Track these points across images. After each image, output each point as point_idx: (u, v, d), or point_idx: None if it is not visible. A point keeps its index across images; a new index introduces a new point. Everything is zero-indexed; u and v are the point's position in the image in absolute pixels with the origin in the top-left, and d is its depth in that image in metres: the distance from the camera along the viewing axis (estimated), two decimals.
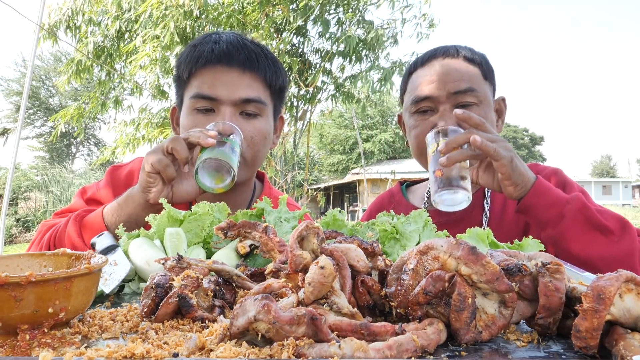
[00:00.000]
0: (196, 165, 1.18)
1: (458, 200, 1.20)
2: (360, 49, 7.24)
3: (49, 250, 1.29)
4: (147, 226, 1.11)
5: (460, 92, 1.39)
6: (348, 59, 7.51)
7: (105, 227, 1.25)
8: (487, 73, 1.49)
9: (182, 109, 1.46)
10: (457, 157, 1.19)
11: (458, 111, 1.25)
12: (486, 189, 1.53)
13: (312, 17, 6.97)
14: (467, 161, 1.22)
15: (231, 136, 1.25)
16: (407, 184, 1.78)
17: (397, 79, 7.39)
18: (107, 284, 0.91)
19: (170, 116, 1.57)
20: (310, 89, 7.49)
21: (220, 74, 1.38)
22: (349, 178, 27.70)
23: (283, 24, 7.07)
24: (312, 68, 7.63)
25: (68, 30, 7.46)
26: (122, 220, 1.25)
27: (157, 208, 1.25)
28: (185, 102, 1.44)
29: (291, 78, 7.27)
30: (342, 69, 7.72)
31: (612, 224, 1.20)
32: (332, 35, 7.27)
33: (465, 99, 1.39)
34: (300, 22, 6.96)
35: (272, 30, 7.05)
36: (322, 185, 27.51)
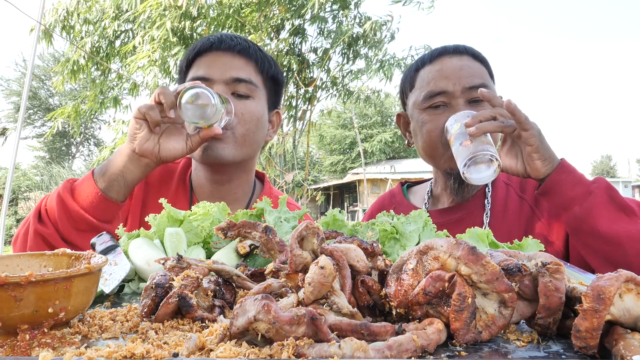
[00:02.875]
0: (181, 94, 1.22)
1: (487, 171, 1.20)
2: (359, 47, 7.25)
3: (40, 216, 1.31)
4: (147, 226, 1.11)
5: (474, 87, 1.39)
6: (346, 57, 7.52)
7: (94, 182, 1.27)
8: (491, 72, 1.51)
9: None
10: (486, 126, 1.20)
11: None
12: (487, 189, 1.53)
13: (308, 16, 6.97)
14: (491, 139, 1.23)
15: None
16: (408, 185, 1.78)
17: (396, 75, 7.43)
18: (107, 284, 0.91)
19: None
20: (310, 89, 7.49)
21: (214, 57, 1.46)
22: (348, 178, 27.68)
23: (281, 24, 7.07)
24: (310, 67, 7.63)
25: (63, 30, 7.46)
26: (111, 173, 1.28)
27: (144, 162, 1.28)
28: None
29: (289, 77, 7.28)
30: (341, 68, 7.72)
31: (635, 206, 1.21)
32: (329, 33, 7.28)
33: (479, 96, 1.39)
34: (298, 21, 6.97)
35: (270, 30, 7.06)
36: (322, 185, 27.49)
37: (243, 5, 6.90)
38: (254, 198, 1.61)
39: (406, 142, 1.63)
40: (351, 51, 7.40)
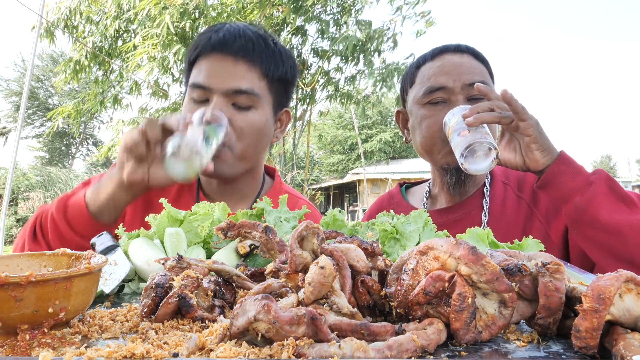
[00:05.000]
0: (164, 150, 1.19)
1: (485, 162, 1.21)
2: (357, 51, 7.26)
3: (35, 233, 1.31)
4: (147, 226, 1.11)
5: (474, 85, 1.40)
6: (345, 60, 7.53)
7: (85, 206, 1.27)
8: (491, 72, 1.52)
9: (185, 99, 1.46)
10: (484, 116, 1.20)
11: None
12: (485, 189, 1.53)
13: (309, 16, 6.97)
14: (489, 131, 1.24)
15: (211, 125, 1.24)
16: (407, 186, 1.79)
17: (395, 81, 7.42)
18: (107, 284, 0.92)
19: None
20: (309, 89, 7.50)
21: (214, 62, 1.37)
22: (349, 178, 27.66)
23: (282, 24, 7.07)
24: (310, 68, 7.64)
25: (66, 29, 7.47)
26: (101, 199, 1.27)
27: (133, 191, 1.26)
28: (187, 93, 1.45)
29: None
30: (340, 70, 7.73)
31: (635, 197, 1.21)
32: (331, 35, 7.28)
33: (478, 93, 1.39)
34: (299, 22, 6.97)
35: (271, 31, 7.07)
36: (322, 185, 27.47)
37: (244, 4, 6.91)
38: (263, 193, 1.59)
39: (404, 139, 1.63)
40: (352, 54, 7.40)
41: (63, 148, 32.26)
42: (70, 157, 32.86)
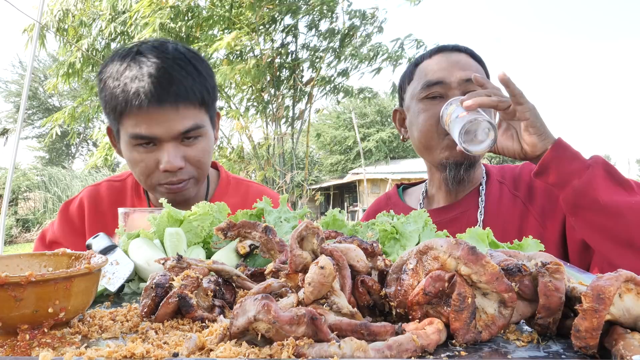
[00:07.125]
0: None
1: (483, 143, 1.22)
2: (347, 44, 7.29)
3: None
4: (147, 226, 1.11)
5: (470, 80, 1.41)
6: (336, 55, 7.54)
7: None
8: (487, 73, 1.54)
9: (122, 141, 1.43)
10: (482, 100, 1.22)
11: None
12: (480, 188, 1.53)
13: (297, 12, 6.99)
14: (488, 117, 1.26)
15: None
16: (404, 187, 1.79)
17: (387, 70, 7.44)
18: (112, 283, 0.92)
19: (108, 135, 1.53)
20: (307, 88, 7.50)
21: (153, 113, 1.34)
22: (348, 178, 27.63)
23: (272, 22, 7.09)
24: (302, 66, 7.66)
25: (58, 32, 7.48)
26: None
27: None
28: (123, 136, 1.41)
29: (283, 78, 7.30)
30: (333, 67, 7.74)
31: (632, 182, 1.21)
32: (320, 32, 7.31)
33: (474, 88, 1.39)
34: (290, 20, 7.00)
35: (262, 31, 7.09)
36: (322, 185, 27.47)
37: (235, 6, 6.92)
38: (212, 188, 1.65)
39: (401, 137, 1.64)
40: (341, 49, 7.43)
41: (63, 148, 32.26)
42: (70, 157, 32.87)
